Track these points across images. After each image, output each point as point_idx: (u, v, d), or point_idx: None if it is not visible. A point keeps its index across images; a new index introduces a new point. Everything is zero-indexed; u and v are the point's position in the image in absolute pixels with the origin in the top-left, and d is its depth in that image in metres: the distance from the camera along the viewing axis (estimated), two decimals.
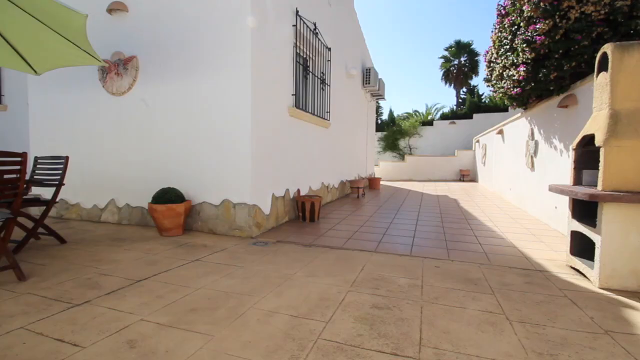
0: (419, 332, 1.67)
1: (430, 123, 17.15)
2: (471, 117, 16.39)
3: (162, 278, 2.39)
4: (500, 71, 4.92)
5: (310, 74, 5.43)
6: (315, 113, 5.50)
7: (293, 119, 4.70)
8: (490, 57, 5.33)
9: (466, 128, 16.20)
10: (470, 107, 16.87)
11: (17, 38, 3.21)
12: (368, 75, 9.26)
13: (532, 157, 5.32)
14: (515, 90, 4.59)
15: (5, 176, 2.27)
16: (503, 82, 4.91)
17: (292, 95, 4.67)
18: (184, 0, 3.82)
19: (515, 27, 4.45)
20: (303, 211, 4.57)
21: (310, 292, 2.16)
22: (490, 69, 5.44)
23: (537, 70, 4.09)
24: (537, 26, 3.83)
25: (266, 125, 3.95)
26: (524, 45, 4.03)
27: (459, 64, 22.48)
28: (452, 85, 23.05)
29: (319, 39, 5.51)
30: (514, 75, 4.41)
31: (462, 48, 22.11)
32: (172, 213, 3.56)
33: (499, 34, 4.92)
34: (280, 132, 4.33)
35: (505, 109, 15.35)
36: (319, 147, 5.84)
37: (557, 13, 3.62)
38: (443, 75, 23.48)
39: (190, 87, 3.84)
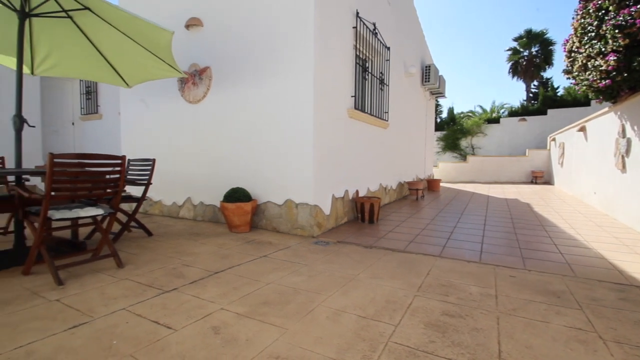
0: (497, 345, 1.58)
1: (496, 120, 15.93)
2: (545, 113, 14.89)
3: (236, 271, 2.57)
4: (584, 61, 4.41)
5: (369, 74, 5.40)
6: (374, 114, 5.46)
7: (352, 120, 4.72)
8: (571, 47, 4.82)
9: (538, 125, 14.77)
10: (544, 102, 15.32)
11: (112, 55, 3.69)
12: (427, 73, 8.93)
13: (623, 157, 4.68)
14: (603, 82, 4.09)
15: (108, 176, 2.63)
16: (587, 73, 4.41)
17: (352, 96, 4.69)
18: (251, 13, 4.06)
19: (603, 11, 3.97)
20: (362, 212, 4.57)
21: (375, 294, 2.16)
22: (571, 59, 4.91)
23: (631, 58, 3.60)
24: (633, 9, 3.38)
25: (327, 127, 4.03)
26: (615, 31, 3.58)
27: (530, 55, 20.57)
28: (521, 78, 21.18)
29: (378, 39, 5.46)
30: (601, 66, 3.93)
31: (533, 38, 20.19)
32: (240, 211, 3.80)
33: (582, 21, 4.42)
34: (340, 133, 4.38)
35: (586, 103, 13.71)
36: (377, 148, 5.79)
37: None
38: (511, 68, 21.68)
39: (256, 93, 4.07)
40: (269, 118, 4.01)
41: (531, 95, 20.45)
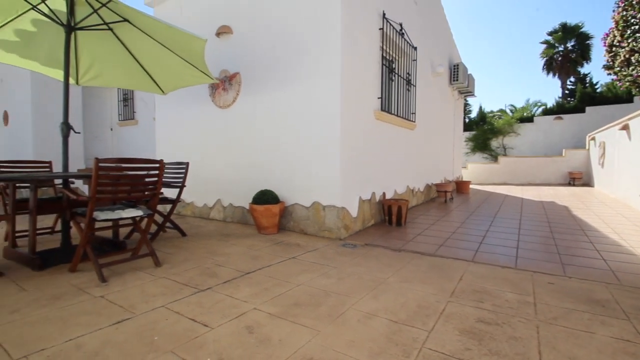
0: (537, 355, 1.52)
1: (529, 119, 15.24)
2: (582, 111, 14.09)
3: (266, 272, 2.62)
4: (627, 56, 4.17)
5: (396, 75, 5.34)
6: (401, 115, 5.39)
7: (379, 121, 4.69)
8: (612, 41, 4.56)
9: (576, 123, 14.00)
10: (582, 99, 14.50)
11: (149, 64, 3.87)
12: (456, 72, 8.70)
13: None
14: None
15: (146, 179, 2.76)
16: (631, 68, 4.15)
17: (378, 98, 4.66)
18: (279, 18, 4.14)
19: None
20: (389, 215, 4.52)
21: (407, 298, 2.13)
22: (612, 54, 4.65)
23: None
24: None
25: (354, 129, 4.02)
26: None
27: (565, 50, 19.57)
28: (557, 75, 20.16)
29: (404, 39, 5.39)
30: None
31: (569, 32, 19.19)
32: (269, 213, 3.87)
33: (624, 13, 4.17)
34: (366, 135, 4.36)
35: (628, 100, 12.84)
36: (405, 149, 5.71)
37: None
38: (545, 64, 20.70)
39: (284, 96, 4.14)
40: (296, 121, 4.06)
41: (567, 92, 19.42)
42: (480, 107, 16.89)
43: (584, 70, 19.33)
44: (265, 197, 3.90)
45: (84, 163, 7.80)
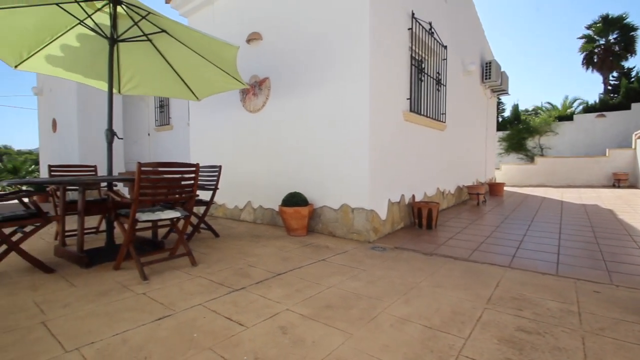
0: None
1: (569, 117, 14.42)
2: (628, 108, 13.16)
3: (297, 274, 2.66)
4: None
5: (425, 75, 5.24)
6: (431, 115, 5.28)
7: (408, 123, 4.62)
8: None
9: (620, 121, 13.09)
10: (627, 95, 13.54)
11: (184, 72, 4.04)
12: (488, 70, 8.40)
13: None
14: None
15: (183, 182, 2.88)
16: None
17: (407, 99, 4.60)
18: (307, 22, 4.19)
19: None
20: (419, 218, 4.44)
21: (440, 304, 2.09)
22: None
23: None
24: None
25: (382, 131, 3.99)
26: None
27: (607, 43, 18.34)
28: (598, 70, 18.93)
29: (434, 38, 5.29)
30: None
31: (611, 23, 17.96)
32: (298, 215, 3.92)
33: None
34: (395, 137, 4.31)
35: None
36: (434, 150, 5.58)
37: None
38: (584, 58, 19.49)
39: (312, 100, 4.18)
40: (324, 124, 4.09)
41: (610, 88, 18.18)
42: (515, 106, 16.18)
43: (628, 64, 18.08)
44: (295, 200, 3.95)
45: (124, 166, 8.25)
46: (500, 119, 16.42)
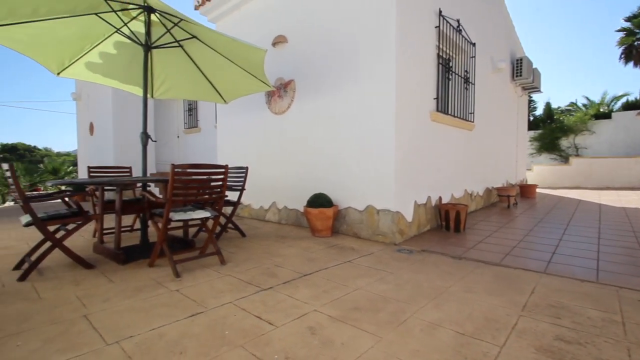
0: None
1: (607, 115, 13.61)
2: None
3: (323, 275, 2.66)
4: None
5: (453, 73, 5.11)
6: (458, 115, 5.15)
7: (435, 123, 4.53)
8: None
9: None
10: None
11: (213, 76, 4.16)
12: (519, 67, 8.09)
13: None
14: None
15: (213, 183, 2.96)
16: None
17: (434, 99, 4.50)
18: (333, 23, 4.20)
19: None
20: (447, 220, 4.33)
21: (472, 309, 2.03)
22: None
23: None
24: None
25: (408, 132, 3.93)
26: None
27: None
28: (638, 64, 17.71)
29: (462, 36, 5.15)
30: None
31: None
32: (323, 216, 3.93)
33: None
34: (421, 137, 4.24)
35: None
36: (462, 151, 5.44)
37: None
38: (622, 53, 18.25)
39: (337, 101, 4.19)
40: (349, 125, 4.08)
41: None
42: (547, 104, 15.46)
43: None
44: (319, 201, 3.97)
45: (155, 167, 8.59)
46: (531, 118, 15.74)
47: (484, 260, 3.06)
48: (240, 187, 3.92)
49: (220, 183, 2.91)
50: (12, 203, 11.10)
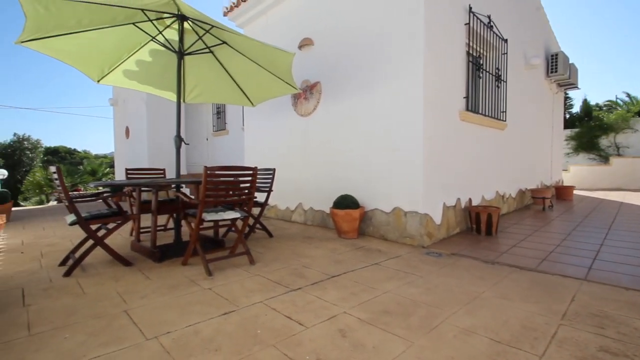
0: None
1: None
2: None
3: (351, 277, 2.66)
4: None
5: (484, 71, 4.95)
6: (489, 114, 4.98)
7: (464, 123, 4.40)
8: None
9: None
10: None
11: (242, 80, 4.25)
12: (554, 62, 7.71)
13: None
14: None
15: (242, 185, 3.04)
16: None
17: (464, 98, 4.38)
18: (359, 23, 4.19)
19: None
20: (477, 223, 4.20)
21: (508, 316, 1.96)
22: None
23: None
24: None
25: (437, 132, 3.85)
26: None
27: None
28: None
29: (493, 32, 4.98)
30: None
31: None
32: (349, 217, 3.92)
33: None
34: (450, 138, 4.13)
35: None
36: (493, 151, 5.25)
37: None
38: None
39: (363, 103, 4.17)
40: (376, 126, 4.05)
41: None
42: (585, 101, 14.61)
43: None
44: (346, 202, 3.96)
45: (186, 169, 8.90)
46: (567, 116, 14.93)
47: (518, 265, 2.94)
48: (268, 189, 3.99)
49: (250, 185, 2.97)
50: (54, 202, 11.87)
